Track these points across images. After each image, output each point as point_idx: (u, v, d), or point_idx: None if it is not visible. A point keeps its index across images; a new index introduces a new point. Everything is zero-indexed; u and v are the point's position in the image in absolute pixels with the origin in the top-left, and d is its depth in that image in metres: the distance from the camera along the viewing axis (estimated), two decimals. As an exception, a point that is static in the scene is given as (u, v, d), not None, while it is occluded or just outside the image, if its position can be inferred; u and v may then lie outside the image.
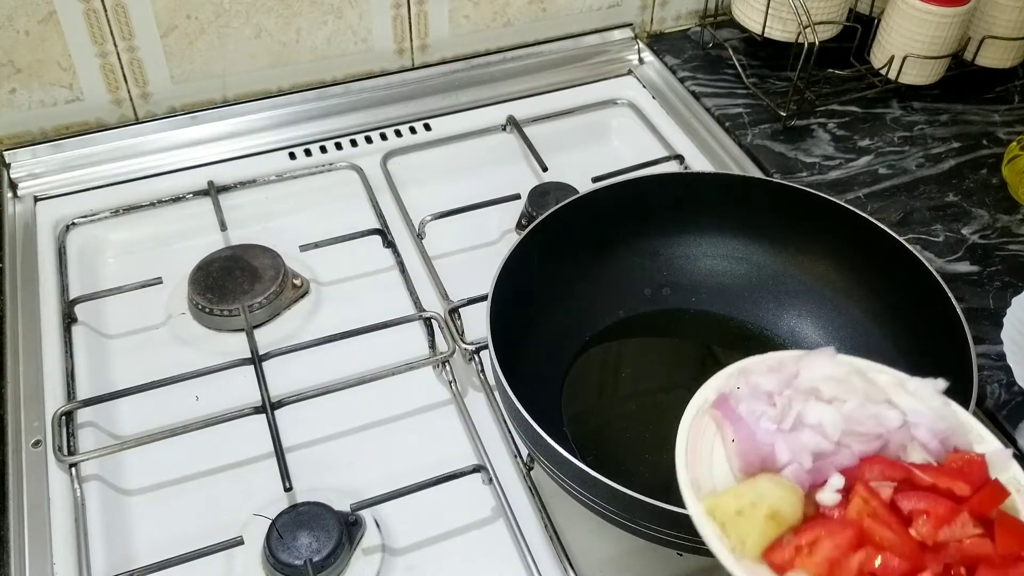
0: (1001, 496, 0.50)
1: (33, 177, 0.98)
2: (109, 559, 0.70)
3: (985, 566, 0.47)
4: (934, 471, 0.51)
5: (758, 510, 0.48)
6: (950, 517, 0.48)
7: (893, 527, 0.48)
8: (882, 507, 0.48)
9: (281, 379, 0.79)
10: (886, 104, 1.09)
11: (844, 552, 0.47)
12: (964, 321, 0.67)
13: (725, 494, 0.50)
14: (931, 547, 0.48)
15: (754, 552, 0.48)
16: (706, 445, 0.53)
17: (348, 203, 0.99)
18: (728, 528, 0.49)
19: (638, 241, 0.83)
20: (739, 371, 0.56)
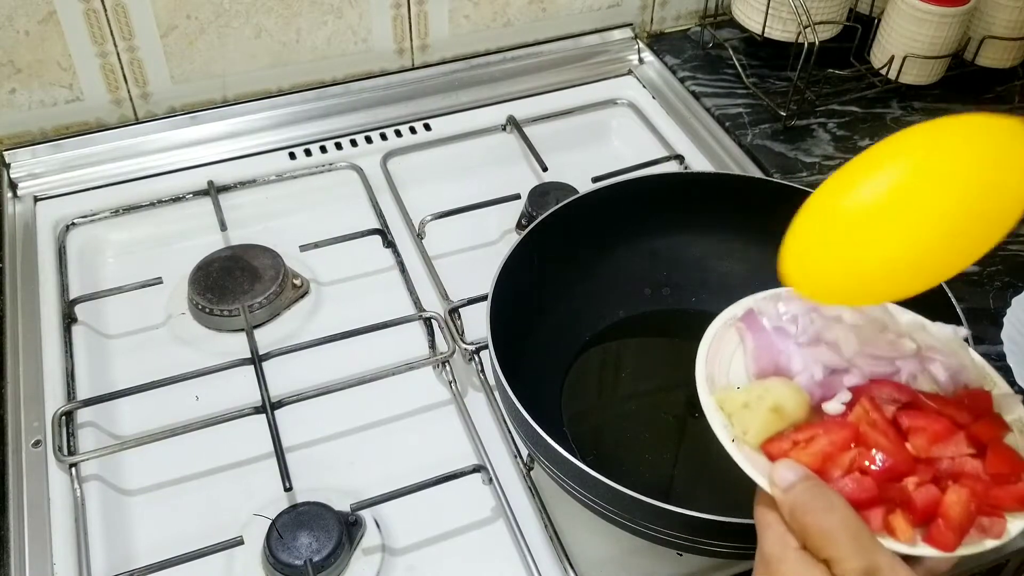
0: (1000, 428, 0.53)
1: (33, 177, 0.98)
2: (109, 559, 0.70)
3: (967, 478, 0.50)
4: (940, 400, 0.54)
5: (763, 403, 0.52)
6: (945, 436, 0.51)
7: (889, 436, 0.51)
8: (882, 419, 0.52)
9: (281, 379, 0.79)
10: (886, 104, 1.09)
11: (838, 448, 0.50)
12: (964, 321, 0.67)
13: (735, 389, 0.55)
14: (923, 460, 0.51)
15: (755, 441, 0.52)
16: (726, 351, 0.58)
17: (348, 203, 0.99)
18: (734, 419, 0.53)
19: (638, 241, 0.83)
20: (772, 296, 0.60)
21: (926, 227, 0.50)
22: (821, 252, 0.53)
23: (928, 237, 0.50)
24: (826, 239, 0.53)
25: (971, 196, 0.50)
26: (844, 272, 0.53)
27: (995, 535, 0.50)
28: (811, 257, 0.54)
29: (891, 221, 0.50)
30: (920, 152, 0.51)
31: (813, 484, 0.48)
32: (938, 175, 0.50)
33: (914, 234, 0.50)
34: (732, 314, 0.61)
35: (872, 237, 0.51)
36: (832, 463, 0.50)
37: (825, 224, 0.54)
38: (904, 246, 0.50)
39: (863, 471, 0.50)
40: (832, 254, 0.53)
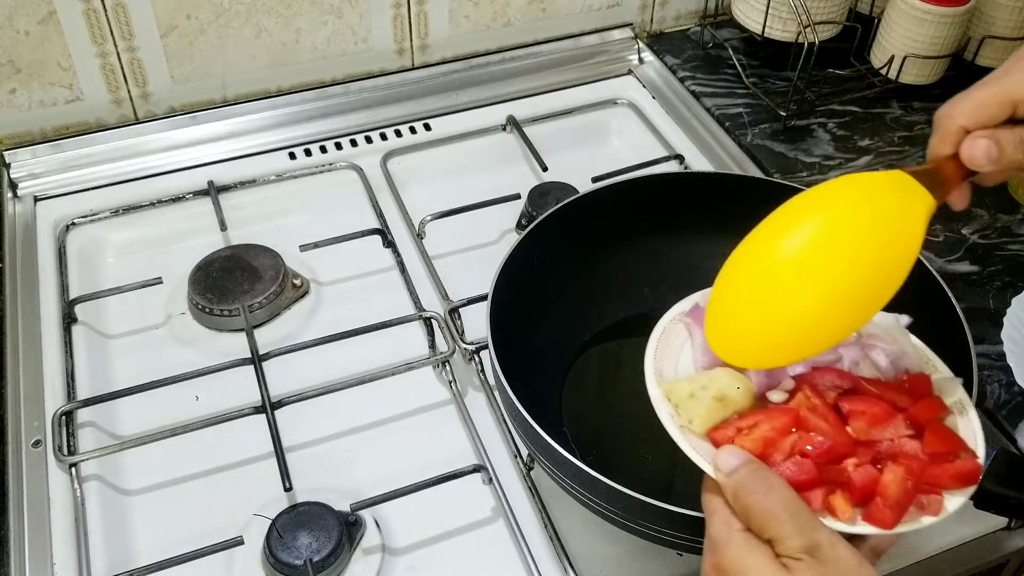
0: (939, 409, 0.55)
1: (33, 177, 0.98)
2: (109, 559, 0.70)
3: (905, 458, 0.52)
4: (880, 385, 0.56)
5: (707, 392, 0.55)
6: (885, 418, 0.53)
7: (829, 420, 0.53)
8: (822, 404, 0.54)
9: (281, 379, 0.79)
10: (886, 104, 1.09)
11: (779, 433, 0.52)
12: (964, 321, 0.67)
13: (682, 380, 0.57)
14: (863, 442, 0.53)
15: (700, 429, 0.54)
16: (675, 346, 0.61)
17: (348, 203, 0.99)
18: (680, 408, 0.56)
19: (638, 241, 0.83)
20: None
21: (825, 291, 0.54)
22: (733, 323, 0.58)
23: (829, 298, 0.54)
24: (737, 311, 0.57)
25: (863, 256, 0.54)
26: (755, 340, 0.56)
27: (933, 512, 0.51)
28: (725, 327, 0.58)
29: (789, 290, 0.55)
30: (812, 221, 0.56)
31: (755, 467, 0.50)
32: (831, 240, 0.55)
33: (814, 299, 0.54)
34: (680, 310, 0.64)
35: (774, 306, 0.56)
36: (774, 447, 0.52)
37: (733, 296, 0.58)
38: (805, 311, 0.55)
39: (803, 454, 0.51)
40: (743, 325, 0.57)
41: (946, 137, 0.55)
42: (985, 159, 0.54)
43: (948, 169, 0.56)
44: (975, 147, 0.54)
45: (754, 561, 0.47)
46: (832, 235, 0.55)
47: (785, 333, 0.56)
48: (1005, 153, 0.54)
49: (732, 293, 0.58)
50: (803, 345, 0.55)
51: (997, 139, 0.54)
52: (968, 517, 0.71)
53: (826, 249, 0.55)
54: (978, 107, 0.54)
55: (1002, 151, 0.54)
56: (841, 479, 0.51)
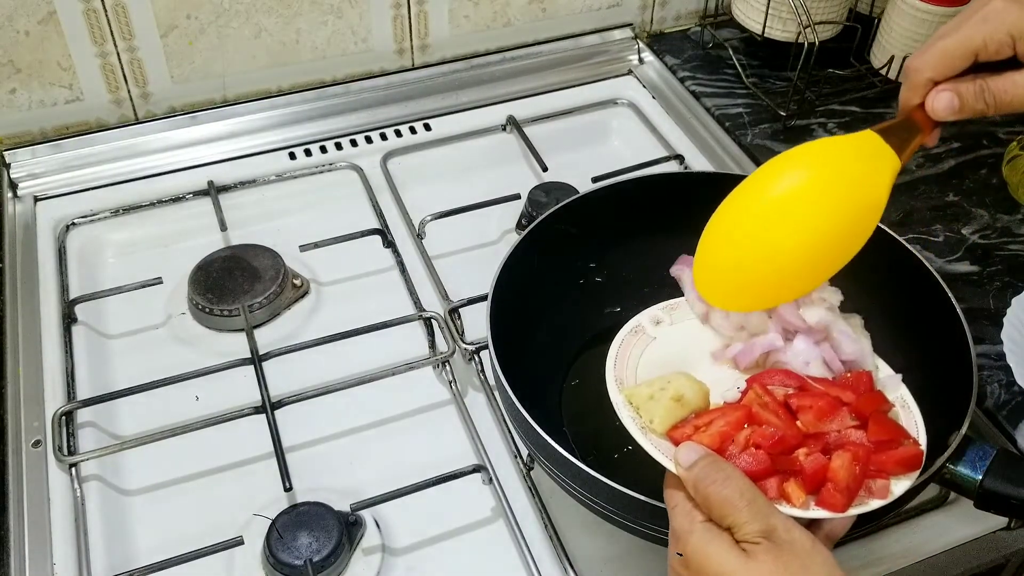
0: (881, 402, 0.60)
1: (33, 177, 0.98)
2: (109, 559, 0.70)
3: (852, 445, 0.56)
4: (826, 382, 0.61)
5: (666, 393, 0.59)
6: (831, 412, 0.57)
7: (780, 415, 0.57)
8: (773, 401, 0.58)
9: (281, 379, 0.79)
10: (886, 104, 1.09)
11: (734, 428, 0.57)
12: (964, 321, 0.67)
13: (641, 384, 0.61)
14: (812, 434, 0.57)
15: (661, 428, 0.58)
16: (634, 356, 0.66)
17: (348, 203, 0.99)
18: (642, 410, 0.59)
19: (638, 241, 0.82)
20: (670, 305, 0.70)
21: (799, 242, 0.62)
22: (719, 270, 0.66)
23: (803, 249, 0.62)
24: (721, 258, 0.66)
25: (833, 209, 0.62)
26: (739, 284, 0.65)
27: (881, 496, 0.55)
28: (712, 273, 0.66)
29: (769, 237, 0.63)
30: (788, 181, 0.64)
31: (712, 460, 0.54)
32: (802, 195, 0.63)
33: (791, 246, 0.62)
34: (637, 322, 0.69)
35: (756, 252, 0.64)
36: (730, 441, 0.56)
37: (719, 244, 0.66)
38: (784, 257, 0.63)
39: (757, 446, 0.55)
40: (728, 271, 0.65)
41: (915, 88, 0.60)
42: (948, 110, 0.58)
43: (919, 117, 0.60)
44: (938, 100, 0.59)
45: (715, 548, 0.50)
46: (806, 193, 0.62)
47: (765, 279, 0.64)
48: (966, 103, 0.58)
49: (716, 244, 0.66)
50: (781, 290, 0.64)
51: (959, 91, 0.58)
52: (968, 517, 0.71)
53: (801, 206, 0.62)
54: (943, 58, 0.58)
55: (963, 102, 0.58)
56: (793, 468, 0.55)
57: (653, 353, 0.66)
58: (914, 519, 0.72)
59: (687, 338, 0.68)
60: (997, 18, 0.56)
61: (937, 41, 0.58)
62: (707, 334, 0.68)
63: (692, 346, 0.67)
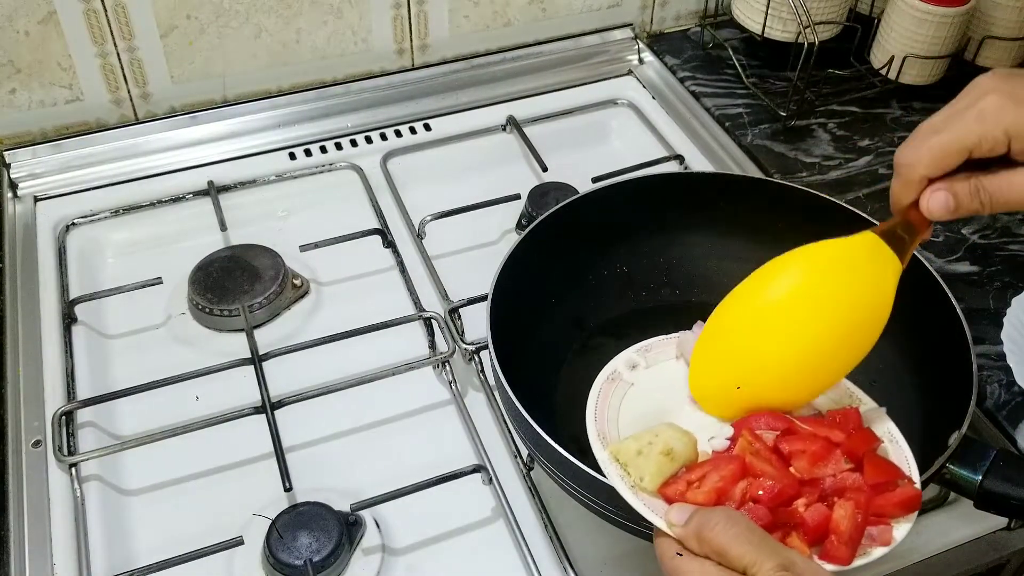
0: (871, 440, 0.58)
1: (33, 177, 0.98)
2: (109, 559, 0.70)
3: (850, 492, 0.54)
4: (813, 422, 0.59)
5: (654, 448, 0.56)
6: (824, 455, 0.55)
7: (773, 463, 0.55)
8: (764, 448, 0.56)
9: (281, 379, 0.79)
10: (886, 104, 1.09)
11: (729, 482, 0.54)
12: (964, 321, 0.67)
13: (627, 439, 0.58)
14: (808, 481, 0.55)
15: (651, 486, 0.55)
16: (613, 407, 0.63)
17: (348, 203, 0.99)
18: (630, 467, 0.56)
19: (638, 241, 0.83)
20: (643, 347, 0.67)
21: (802, 352, 0.59)
22: (717, 378, 0.63)
23: (806, 359, 0.60)
24: (718, 366, 0.63)
25: (838, 320, 0.59)
26: (736, 396, 0.61)
27: (883, 542, 0.53)
28: (709, 380, 0.63)
29: (768, 345, 0.60)
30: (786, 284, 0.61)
31: (706, 509, 0.52)
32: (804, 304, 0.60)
33: (789, 357, 0.60)
34: (613, 368, 0.65)
35: (754, 360, 0.61)
36: (726, 497, 0.54)
37: (715, 352, 0.63)
38: (784, 366, 0.60)
39: (755, 499, 0.53)
40: (726, 380, 0.62)
41: (908, 185, 0.58)
42: (944, 211, 0.57)
43: (914, 217, 0.59)
44: (934, 200, 0.57)
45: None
46: (809, 300, 0.60)
47: (763, 389, 0.61)
48: (962, 203, 0.57)
49: (714, 351, 0.63)
50: (780, 402, 0.61)
51: (954, 190, 0.57)
52: (968, 517, 0.71)
53: (803, 311, 0.60)
54: (938, 156, 0.56)
55: (958, 202, 0.57)
56: (794, 520, 0.53)
57: (633, 400, 0.63)
58: (914, 519, 0.72)
59: (666, 380, 0.65)
60: (993, 117, 0.55)
61: (930, 136, 0.57)
62: (684, 376, 0.65)
63: (672, 389, 0.65)
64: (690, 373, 0.64)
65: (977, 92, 0.56)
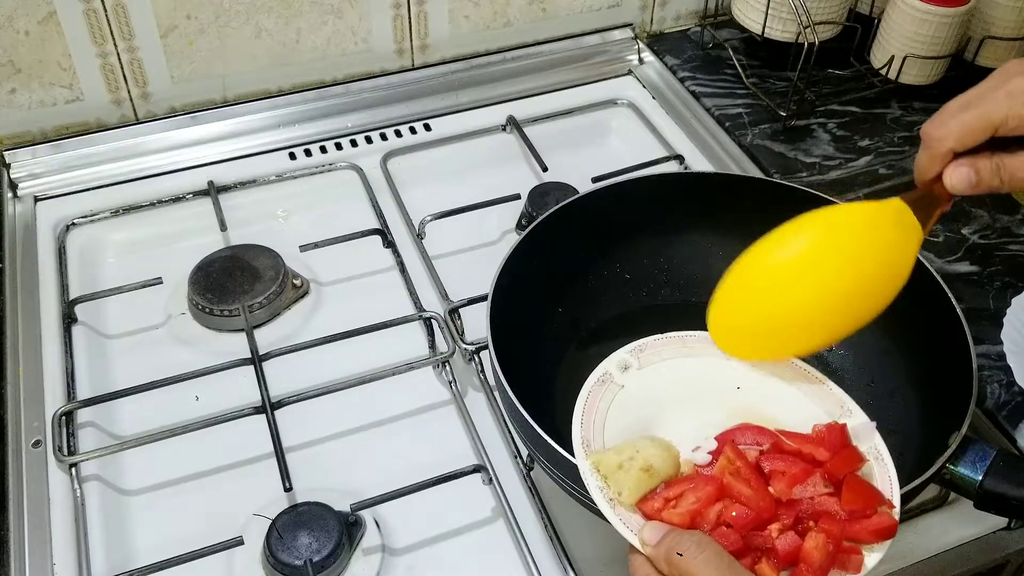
0: (855, 461, 0.57)
1: (33, 177, 0.98)
2: (109, 559, 0.70)
3: (826, 519, 0.54)
4: (799, 438, 0.59)
5: (635, 463, 0.56)
6: (803, 477, 0.55)
7: (752, 483, 0.55)
8: (745, 466, 0.56)
9: (281, 379, 0.79)
10: (886, 104, 1.09)
11: (704, 504, 0.54)
12: (964, 321, 0.67)
13: (609, 451, 0.58)
14: (785, 503, 0.55)
15: (629, 501, 0.55)
16: (601, 411, 0.62)
17: (348, 203, 0.99)
18: (610, 480, 0.56)
19: (638, 241, 0.83)
20: (638, 347, 0.67)
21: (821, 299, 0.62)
22: (737, 317, 0.65)
23: (824, 306, 0.62)
24: (740, 306, 0.65)
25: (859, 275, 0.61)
26: (753, 335, 0.64)
27: (854, 570, 0.53)
28: (729, 321, 0.65)
29: (792, 291, 0.63)
30: (817, 234, 0.63)
31: (678, 531, 0.53)
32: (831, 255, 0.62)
33: (811, 302, 0.62)
34: (604, 370, 0.65)
35: (775, 303, 0.63)
36: (701, 518, 0.54)
37: (739, 293, 0.65)
38: (803, 312, 0.63)
39: (728, 523, 0.53)
40: (745, 319, 0.65)
41: (935, 158, 0.59)
42: (966, 185, 0.58)
43: (937, 190, 0.60)
44: (957, 174, 0.58)
45: None
46: (834, 252, 0.62)
47: (781, 331, 0.64)
48: (983, 179, 0.58)
49: (735, 293, 0.65)
50: (795, 343, 0.64)
51: (976, 166, 0.58)
52: (968, 517, 0.71)
53: (827, 262, 0.62)
54: (966, 131, 0.57)
55: (980, 178, 0.58)
56: (766, 546, 0.53)
57: (621, 404, 0.63)
58: (914, 519, 0.72)
59: (656, 384, 0.65)
60: (1022, 96, 0.56)
61: (959, 112, 0.58)
62: (676, 378, 0.65)
63: (661, 393, 0.64)
64: (710, 313, 0.66)
65: (1006, 74, 0.58)
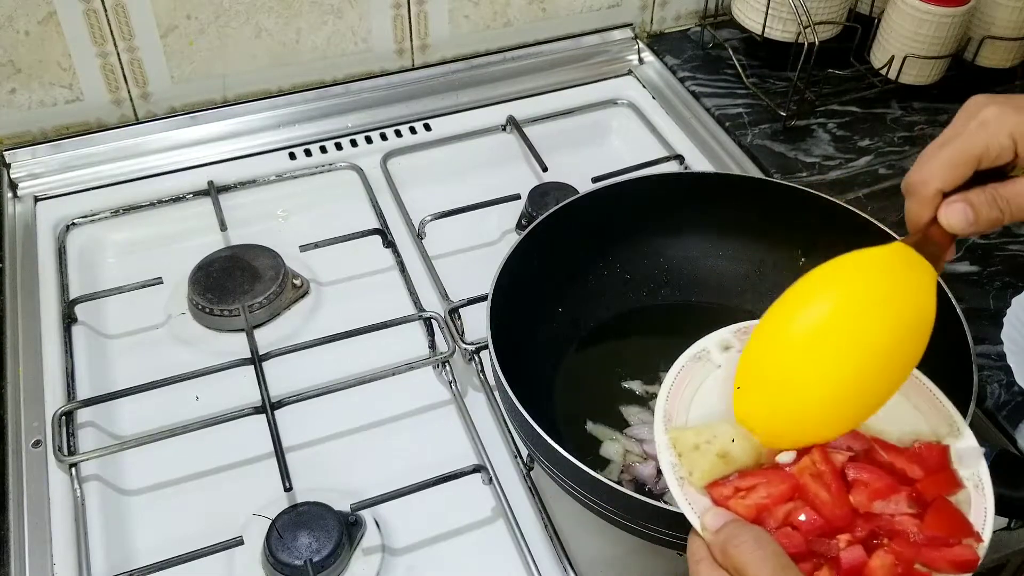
0: (949, 486, 0.53)
1: (33, 177, 0.98)
2: (109, 559, 0.70)
3: (901, 540, 0.50)
4: (895, 450, 0.55)
5: (712, 447, 0.54)
6: (888, 493, 0.52)
7: (832, 489, 0.52)
8: (829, 470, 0.52)
9: (281, 379, 0.79)
10: (886, 104, 1.09)
11: (775, 501, 0.51)
12: (964, 321, 0.67)
13: (689, 430, 0.56)
14: (863, 515, 0.51)
15: (699, 483, 0.53)
16: (691, 388, 0.59)
17: (348, 203, 0.99)
18: (684, 459, 0.54)
19: (638, 241, 0.83)
20: (743, 328, 0.62)
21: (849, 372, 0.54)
22: (760, 402, 0.57)
23: (854, 379, 0.55)
24: (762, 391, 0.57)
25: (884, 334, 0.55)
26: (781, 420, 0.56)
27: None
28: (753, 405, 0.57)
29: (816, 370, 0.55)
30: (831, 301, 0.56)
31: (741, 521, 0.50)
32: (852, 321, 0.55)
33: (839, 380, 0.55)
34: (703, 347, 0.61)
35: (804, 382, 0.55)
36: (767, 514, 0.51)
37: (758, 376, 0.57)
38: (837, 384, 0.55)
39: (795, 525, 0.51)
40: (770, 405, 0.56)
41: (924, 202, 0.57)
42: (963, 222, 0.55)
43: (936, 234, 0.57)
44: (952, 212, 0.55)
45: None
46: (852, 315, 0.55)
47: (812, 414, 0.56)
48: (981, 213, 0.55)
49: (757, 373, 0.58)
50: (829, 426, 0.56)
51: (970, 200, 0.55)
52: (968, 517, 0.71)
53: (847, 330, 0.55)
54: (947, 167, 0.55)
55: (977, 212, 0.55)
56: (829, 555, 0.50)
57: (714, 385, 0.59)
58: (914, 519, 0.72)
59: None
60: (995, 124, 0.54)
61: (937, 151, 0.56)
62: None
63: None
64: (734, 399, 0.58)
65: (974, 107, 0.56)
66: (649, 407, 0.76)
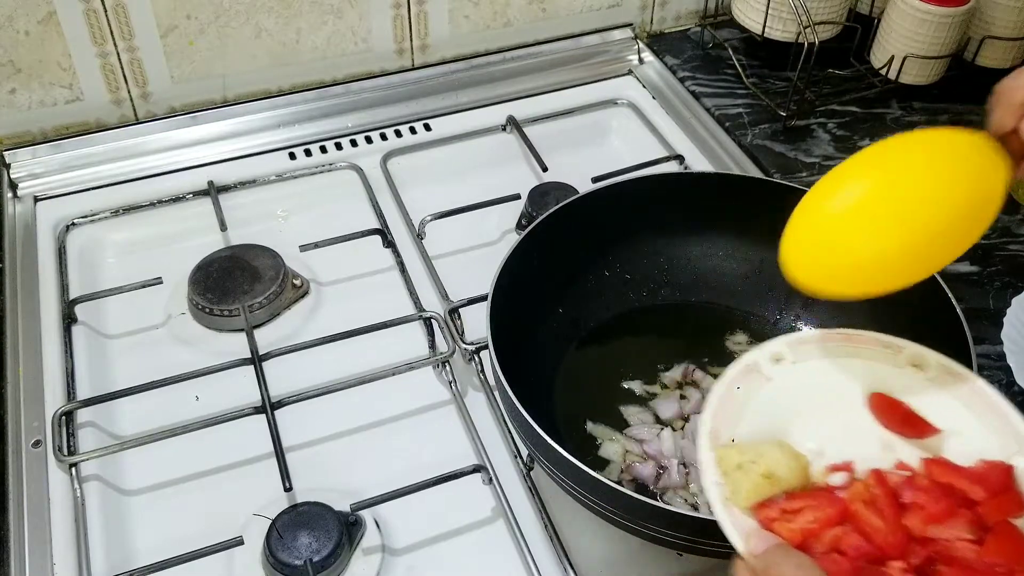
0: (1014, 508, 0.50)
1: (33, 177, 0.98)
2: (109, 559, 0.70)
3: (959, 568, 0.47)
4: (955, 470, 0.52)
5: (756, 467, 0.51)
6: (944, 517, 0.49)
7: (885, 514, 0.49)
8: (883, 495, 0.50)
9: (281, 379, 0.79)
10: (886, 104, 1.09)
11: (822, 525, 0.49)
12: (964, 321, 0.67)
13: (733, 448, 0.53)
14: (918, 539, 0.48)
15: (743, 503, 0.51)
16: (740, 401, 0.57)
17: (348, 203, 0.99)
18: (728, 478, 0.52)
19: (638, 241, 0.83)
20: (798, 339, 0.60)
21: (912, 224, 0.56)
22: (817, 248, 0.58)
23: (913, 234, 0.56)
24: (821, 235, 0.58)
25: (951, 200, 0.56)
26: (837, 264, 0.57)
27: None
28: (808, 252, 0.58)
29: (880, 219, 0.56)
30: (906, 158, 0.57)
31: (785, 547, 0.48)
32: (924, 179, 0.56)
33: (901, 231, 0.56)
34: (753, 359, 0.59)
35: (862, 233, 0.56)
36: (814, 539, 0.49)
37: (820, 221, 0.58)
38: (892, 242, 0.56)
39: (842, 552, 0.48)
40: (826, 249, 0.57)
41: (1010, 109, 0.56)
42: None
43: (1013, 144, 0.56)
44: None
45: None
46: (923, 179, 0.56)
47: (863, 265, 0.56)
48: None
49: (815, 219, 0.58)
50: (878, 279, 0.56)
51: None
52: (968, 517, 0.70)
53: (919, 186, 0.56)
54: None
55: None
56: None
57: (764, 399, 0.57)
58: (914, 519, 0.71)
59: (809, 383, 0.58)
60: None
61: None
62: (832, 381, 0.58)
63: (814, 393, 0.58)
64: (783, 241, 0.58)
65: None
66: (649, 407, 0.76)
